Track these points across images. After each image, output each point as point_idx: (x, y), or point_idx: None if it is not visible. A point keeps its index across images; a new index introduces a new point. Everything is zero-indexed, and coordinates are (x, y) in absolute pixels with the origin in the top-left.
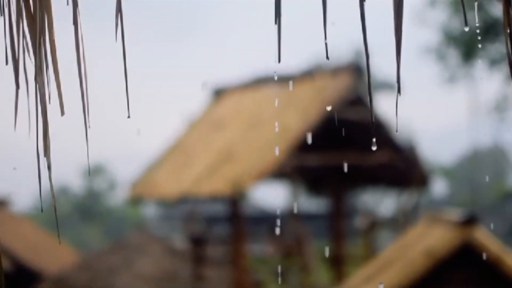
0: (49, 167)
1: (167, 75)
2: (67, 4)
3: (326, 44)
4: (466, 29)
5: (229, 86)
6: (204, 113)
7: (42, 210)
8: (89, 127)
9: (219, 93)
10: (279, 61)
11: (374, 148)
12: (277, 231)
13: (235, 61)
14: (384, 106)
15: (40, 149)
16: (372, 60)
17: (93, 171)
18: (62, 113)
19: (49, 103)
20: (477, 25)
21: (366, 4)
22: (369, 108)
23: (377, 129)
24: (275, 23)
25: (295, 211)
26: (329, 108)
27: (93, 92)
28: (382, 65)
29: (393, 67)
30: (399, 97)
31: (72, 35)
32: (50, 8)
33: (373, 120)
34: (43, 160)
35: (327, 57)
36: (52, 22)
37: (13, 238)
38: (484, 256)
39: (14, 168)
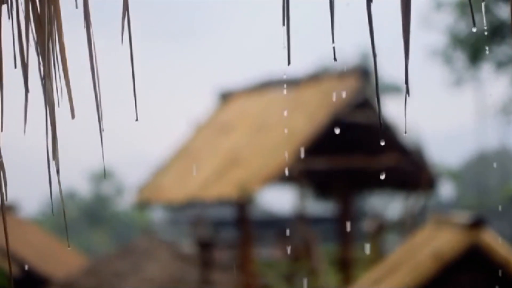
0: (57, 171)
1: (173, 79)
2: (76, 7)
3: (333, 47)
4: (474, 29)
5: (235, 90)
6: (211, 117)
7: (53, 213)
8: (103, 130)
9: (225, 97)
10: (289, 63)
11: (382, 144)
12: (285, 234)
13: (242, 64)
14: (391, 109)
15: (49, 153)
16: (378, 62)
17: (100, 176)
18: (73, 116)
19: (58, 106)
20: (485, 27)
21: (372, 5)
22: (376, 110)
23: (384, 132)
24: (283, 24)
25: (303, 214)
26: (336, 112)
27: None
28: (388, 68)
29: (400, 70)
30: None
31: (78, 38)
32: (59, 11)
33: (381, 120)
34: (51, 163)
35: (335, 59)
36: (61, 25)
37: (21, 243)
38: (492, 259)
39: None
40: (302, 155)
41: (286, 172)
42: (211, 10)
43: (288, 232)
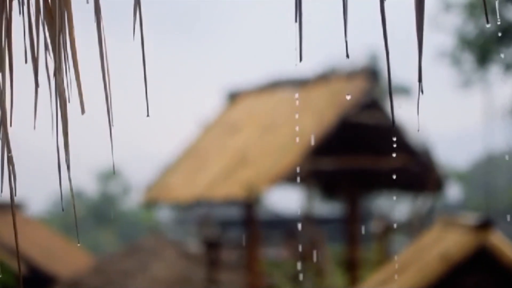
0: (68, 167)
1: (181, 78)
2: (87, 2)
3: (346, 42)
4: (488, 25)
5: (244, 90)
6: (219, 117)
7: (63, 209)
8: (112, 125)
9: (234, 97)
10: (301, 59)
11: (393, 146)
12: (292, 235)
13: (251, 64)
14: (398, 110)
15: (59, 149)
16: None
17: (107, 175)
18: (83, 111)
19: (69, 101)
20: (490, 27)
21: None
22: (384, 111)
23: (392, 133)
24: (296, 21)
25: (310, 215)
26: (344, 112)
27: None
28: (395, 69)
29: (407, 72)
30: (414, 100)
31: (89, 34)
32: (70, 6)
33: (394, 119)
34: (62, 159)
35: (347, 56)
36: (72, 20)
37: (28, 242)
38: (499, 260)
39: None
40: (310, 156)
41: (294, 172)
42: (221, 8)
43: (295, 232)
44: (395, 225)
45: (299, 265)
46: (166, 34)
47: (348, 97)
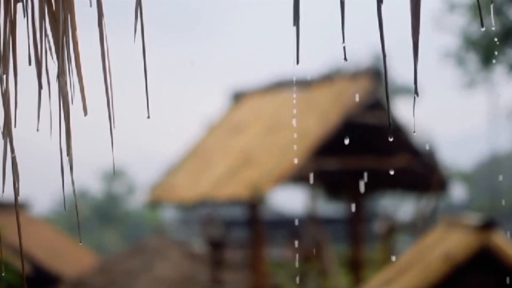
0: (71, 167)
1: (185, 77)
2: (90, 6)
3: (344, 47)
4: (483, 29)
5: (248, 90)
6: (223, 117)
7: (65, 209)
8: (114, 127)
9: (238, 97)
10: (297, 62)
11: (392, 143)
12: (296, 235)
13: (254, 63)
14: (403, 110)
15: (62, 150)
16: (391, 64)
17: (111, 175)
18: (85, 113)
19: (72, 103)
20: (494, 28)
21: (385, 9)
22: (387, 110)
23: (396, 133)
24: (294, 24)
25: (314, 215)
26: (348, 112)
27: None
28: (401, 69)
29: (412, 71)
30: (418, 101)
31: (93, 37)
32: (73, 9)
33: (390, 120)
34: (65, 160)
35: (345, 59)
36: (75, 23)
37: (32, 241)
38: (502, 261)
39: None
40: (314, 156)
41: (298, 173)
42: (223, 7)
43: (299, 232)
44: (399, 225)
45: (303, 265)
46: (169, 34)
47: (352, 97)
